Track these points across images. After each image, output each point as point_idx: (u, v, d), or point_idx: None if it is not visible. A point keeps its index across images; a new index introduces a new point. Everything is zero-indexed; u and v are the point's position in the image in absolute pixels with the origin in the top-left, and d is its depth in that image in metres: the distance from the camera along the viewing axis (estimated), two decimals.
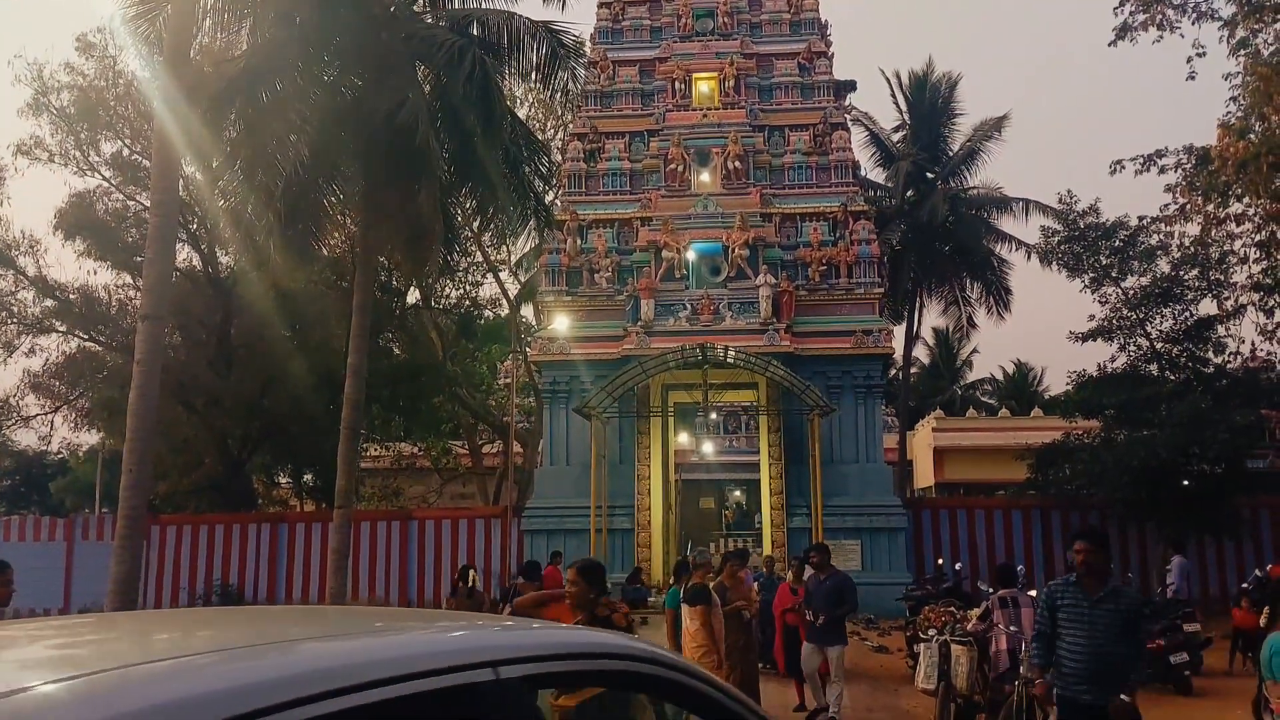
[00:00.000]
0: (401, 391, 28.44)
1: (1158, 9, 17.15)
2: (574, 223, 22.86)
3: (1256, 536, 21.29)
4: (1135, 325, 22.44)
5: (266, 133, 13.03)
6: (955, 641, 9.38)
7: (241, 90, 12.98)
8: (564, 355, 22.19)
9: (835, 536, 20.37)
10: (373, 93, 13.51)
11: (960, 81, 30.08)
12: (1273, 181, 16.60)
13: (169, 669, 1.60)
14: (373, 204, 14.04)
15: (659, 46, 24.32)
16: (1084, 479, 20.64)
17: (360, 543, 22.11)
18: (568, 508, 21.27)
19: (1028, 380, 47.66)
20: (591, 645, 2.21)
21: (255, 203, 13.68)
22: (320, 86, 13.77)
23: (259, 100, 13.06)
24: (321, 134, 13.31)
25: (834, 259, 22.29)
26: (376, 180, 13.71)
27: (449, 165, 14.01)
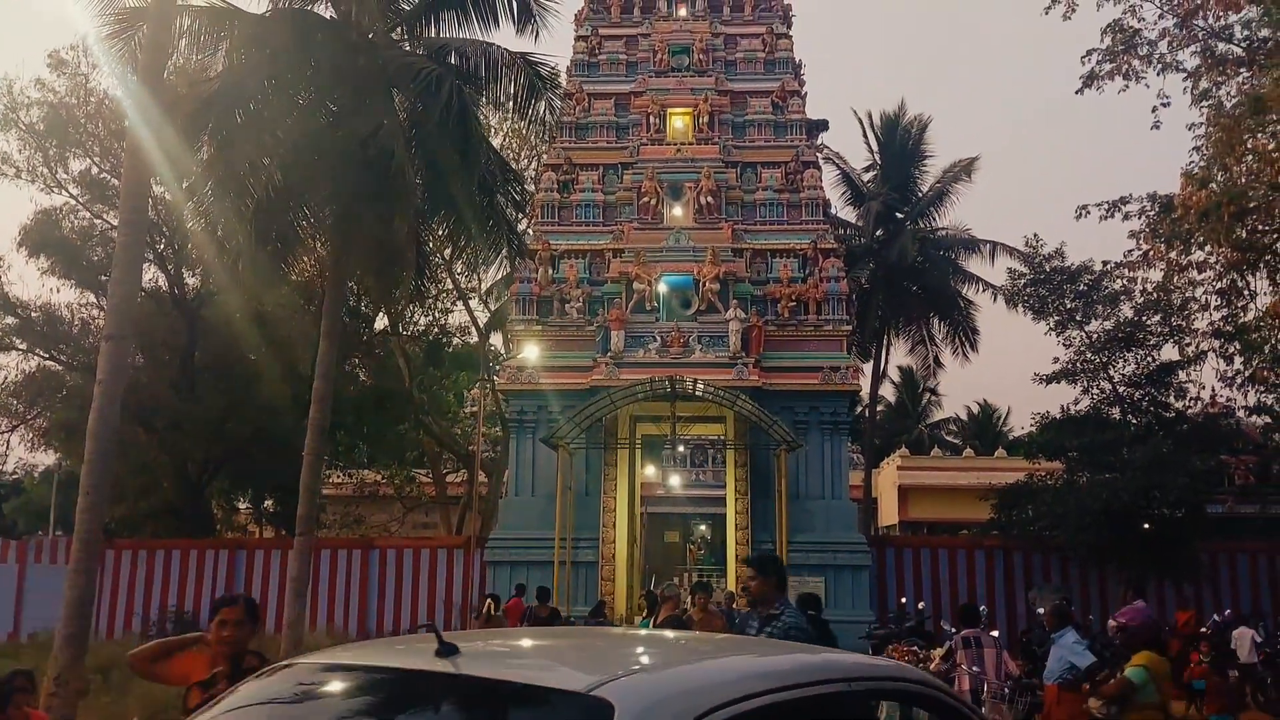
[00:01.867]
0: (367, 418, 28.23)
1: (1124, 59, 17.50)
2: (546, 252, 22.87)
3: (1215, 581, 21.47)
4: (1098, 369, 22.72)
5: (239, 155, 12.99)
6: None
7: (216, 111, 12.94)
8: (532, 385, 22.12)
9: (799, 573, 20.33)
10: (348, 118, 13.51)
11: (931, 124, 30.52)
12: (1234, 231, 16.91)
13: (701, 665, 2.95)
14: (345, 229, 13.99)
15: (635, 80, 24.49)
16: (1046, 520, 20.76)
17: (320, 571, 21.82)
18: (532, 539, 21.12)
19: (992, 421, 48.10)
20: (894, 671, 3.37)
21: (225, 224, 13.61)
22: (295, 110, 13.75)
23: (233, 122, 13.03)
24: (295, 157, 13.28)
25: (803, 295, 22.42)
26: (349, 205, 13.66)
27: (423, 192, 14.01)
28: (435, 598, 22.47)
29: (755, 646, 3.85)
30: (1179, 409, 22.55)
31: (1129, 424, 22.26)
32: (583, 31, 25.22)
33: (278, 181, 13.33)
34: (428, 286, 24.88)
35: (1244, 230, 17.26)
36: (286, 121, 13.67)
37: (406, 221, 13.27)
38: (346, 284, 17.17)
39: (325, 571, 22.34)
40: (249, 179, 13.27)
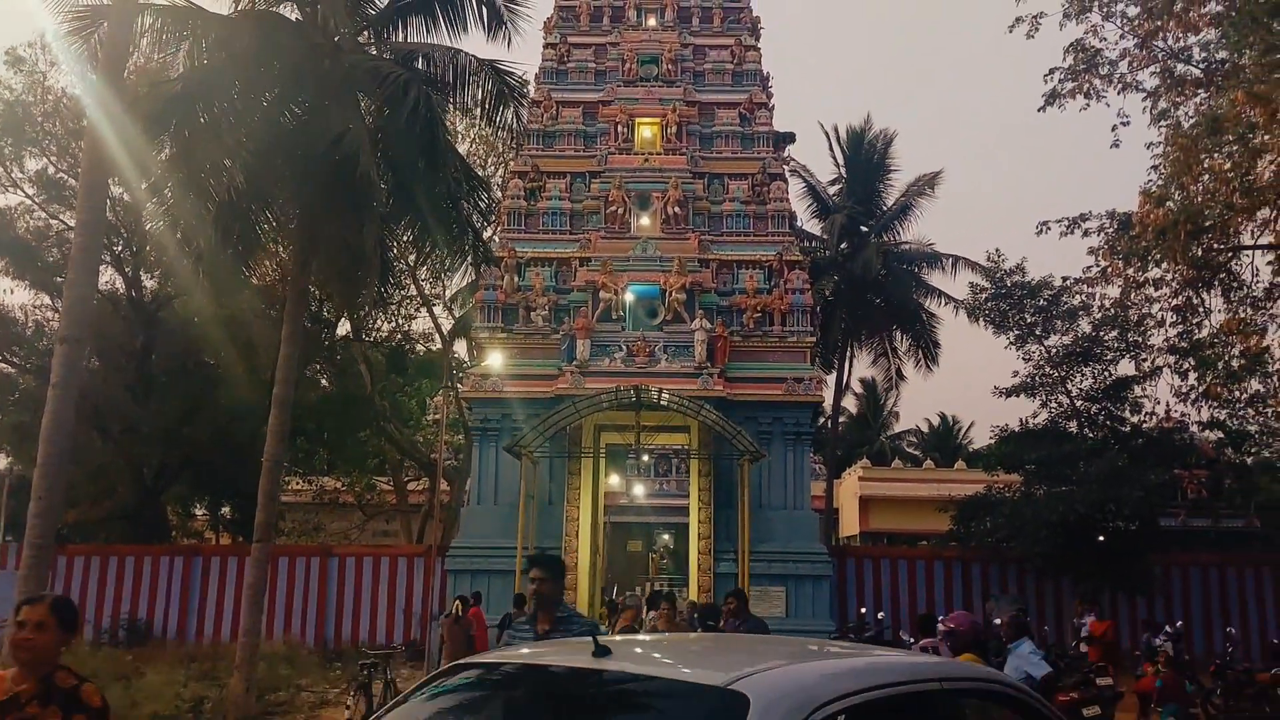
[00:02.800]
0: (328, 424, 27.98)
1: (1085, 78, 17.76)
2: (512, 260, 22.81)
3: (1168, 593, 21.75)
4: (1057, 383, 23.00)
5: (202, 156, 12.87)
6: None
7: (178, 112, 12.80)
8: (496, 392, 22.03)
9: (761, 582, 20.41)
10: (313, 121, 13.42)
11: (896, 138, 30.79)
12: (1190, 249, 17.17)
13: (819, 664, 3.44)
14: (308, 233, 13.89)
15: (603, 90, 24.52)
16: (1004, 532, 20.96)
17: (278, 578, 21.60)
18: (494, 548, 21.02)
19: (952, 433, 48.52)
20: (975, 672, 3.87)
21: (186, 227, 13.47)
22: (259, 112, 13.64)
23: (195, 123, 12.89)
24: (258, 160, 13.17)
25: (768, 307, 22.52)
26: (313, 209, 13.56)
27: (388, 197, 13.93)
28: (395, 606, 22.30)
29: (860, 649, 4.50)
30: (1134, 423, 22.88)
31: (1086, 437, 22.54)
32: (551, 39, 25.22)
33: (240, 184, 13.22)
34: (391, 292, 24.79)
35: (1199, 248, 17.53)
36: (250, 123, 13.54)
37: (371, 226, 13.17)
38: (309, 288, 17.04)
39: (283, 579, 22.11)
40: (210, 181, 13.15)
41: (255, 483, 13.73)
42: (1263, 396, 20.42)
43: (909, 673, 3.46)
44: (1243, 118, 15.20)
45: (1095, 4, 16.96)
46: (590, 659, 3.19)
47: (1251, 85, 14.82)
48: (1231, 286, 19.16)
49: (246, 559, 14.46)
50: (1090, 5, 16.97)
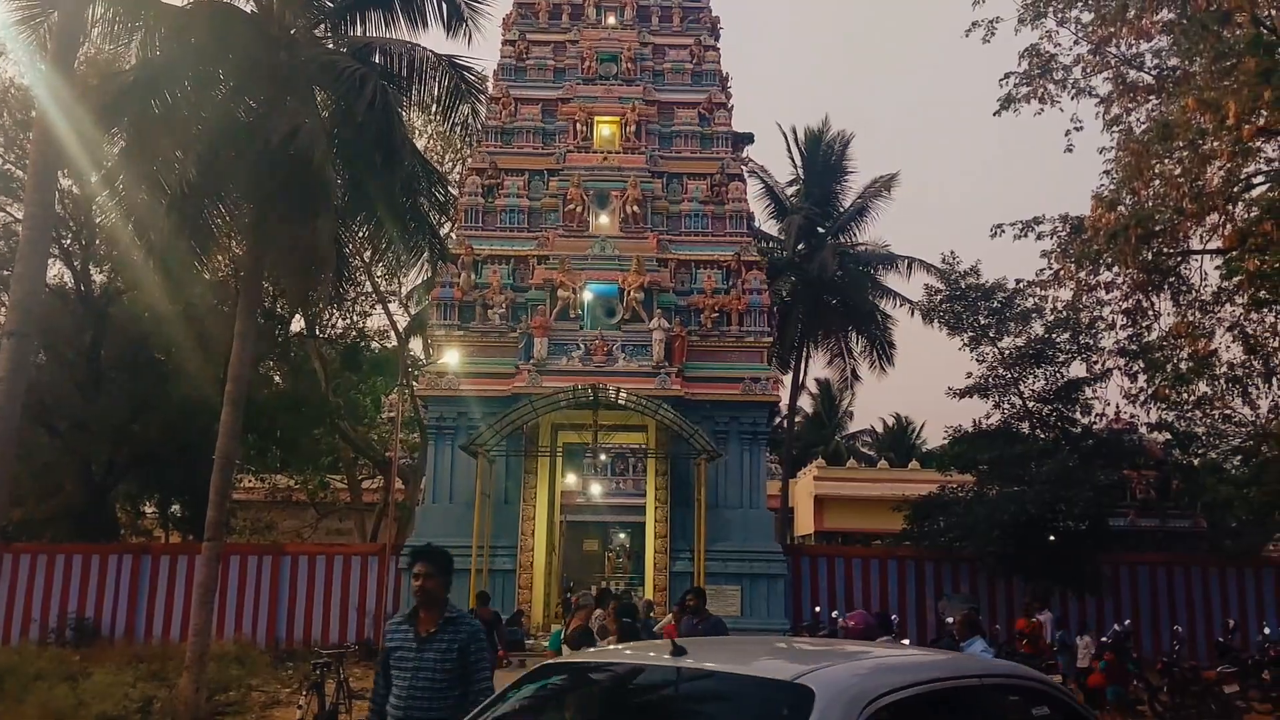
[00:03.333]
0: (280, 422, 27.63)
1: (1039, 83, 17.96)
2: (469, 257, 22.70)
3: (1117, 593, 22.06)
4: (1009, 384, 23.25)
5: (154, 149, 12.67)
6: None
7: (130, 104, 12.60)
8: (452, 391, 21.91)
9: (717, 581, 20.45)
10: (268, 115, 13.24)
11: (853, 140, 30.98)
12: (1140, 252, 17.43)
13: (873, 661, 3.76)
14: (262, 228, 13.71)
15: (562, 87, 24.47)
16: (957, 531, 21.14)
17: (229, 577, 21.31)
18: (449, 547, 20.68)
19: (907, 433, 48.90)
20: (1011, 670, 4.22)
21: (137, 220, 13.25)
22: (213, 105, 13.46)
23: (147, 115, 12.69)
24: (212, 154, 12.99)
25: (726, 307, 22.59)
26: (268, 204, 13.40)
27: (344, 193, 13.79)
28: (349, 605, 22.10)
29: (907, 648, 5.26)
30: (1085, 425, 23.17)
31: (1037, 438, 22.80)
32: (510, 36, 25.13)
33: (193, 177, 13.02)
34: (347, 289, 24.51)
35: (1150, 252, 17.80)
36: (204, 116, 13.36)
37: (326, 222, 13.02)
38: (262, 284, 16.84)
39: (234, 578, 21.83)
40: (163, 174, 12.95)
41: (206, 480, 13.53)
42: (1210, 399, 20.76)
43: (951, 669, 3.86)
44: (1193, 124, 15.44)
45: (1050, 10, 17.15)
46: (668, 658, 3.56)
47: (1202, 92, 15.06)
48: (1180, 290, 19.46)
49: (197, 557, 14.27)
50: (1045, 11, 17.16)
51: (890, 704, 3.17)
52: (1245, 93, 14.17)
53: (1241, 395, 20.54)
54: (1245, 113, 14.33)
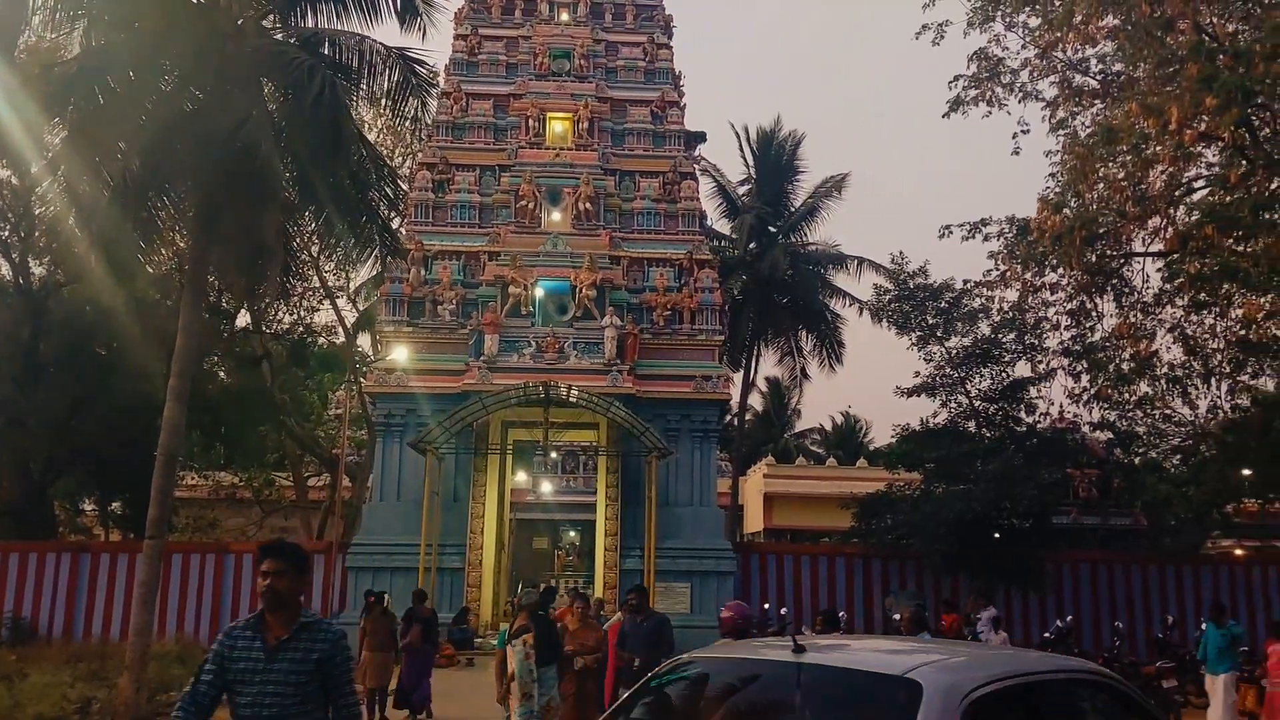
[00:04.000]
0: (225, 418, 27.23)
1: (988, 86, 18.19)
2: (419, 253, 22.52)
3: (1059, 590, 22.40)
4: (956, 383, 23.50)
5: (97, 139, 12.41)
6: None
7: (73, 93, 12.34)
8: (401, 387, 21.73)
9: (666, 578, 20.49)
10: (214, 106, 13.03)
11: (804, 140, 31.15)
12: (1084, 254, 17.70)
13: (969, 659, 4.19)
14: (208, 221, 13.49)
15: (514, 83, 24.35)
16: (904, 529, 21.34)
17: (171, 576, 20.98)
18: (397, 545, 20.74)
19: (855, 431, 49.29)
20: (1082, 666, 4.62)
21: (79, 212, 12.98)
22: (158, 95, 13.21)
23: (91, 105, 12.43)
24: (157, 145, 12.75)
25: (678, 305, 22.63)
26: (213, 197, 13.18)
27: (292, 186, 13.61)
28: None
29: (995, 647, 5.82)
30: (1030, 424, 23.49)
31: (983, 437, 23.07)
32: (462, 30, 24.95)
33: (137, 169, 12.79)
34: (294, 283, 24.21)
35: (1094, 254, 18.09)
36: (148, 107, 13.12)
37: (273, 215, 12.85)
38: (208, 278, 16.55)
39: (176, 577, 21.49)
40: (106, 165, 12.69)
41: (148, 477, 13.30)
42: (1150, 399, 21.14)
43: (1032, 665, 4.40)
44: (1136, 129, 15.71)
45: (998, 14, 17.37)
46: (792, 654, 4.01)
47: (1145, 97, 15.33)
48: (1123, 292, 19.80)
49: (138, 556, 14.00)
50: (993, 15, 17.38)
51: (984, 695, 3.68)
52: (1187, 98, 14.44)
53: (1181, 395, 20.95)
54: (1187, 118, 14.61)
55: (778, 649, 4.29)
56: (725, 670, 4.52)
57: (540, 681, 8.88)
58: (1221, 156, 17.14)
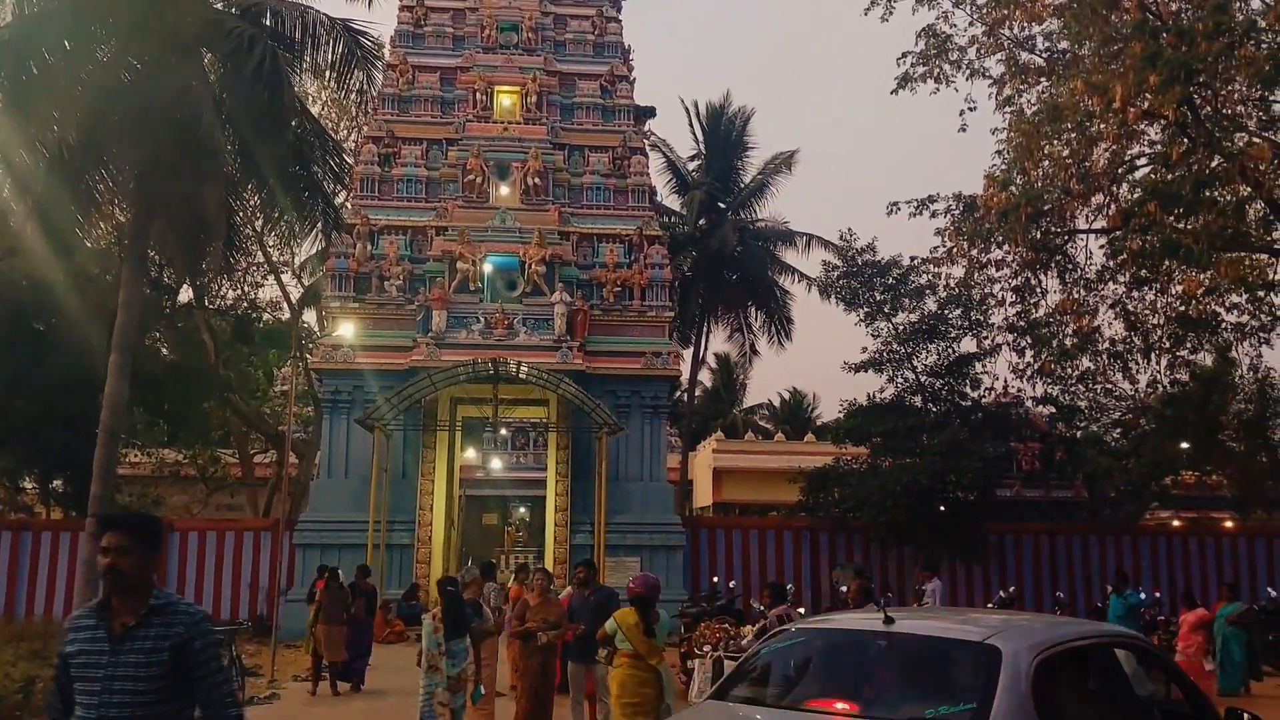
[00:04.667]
0: (168, 395, 26.79)
1: (935, 63, 18.28)
2: (364, 227, 22.26)
3: (1002, 560, 22.81)
4: (903, 359, 23.72)
5: (32, 110, 12.08)
6: (728, 657, 9.61)
7: (6, 63, 11.99)
8: (348, 364, 21.52)
9: (616, 553, 20.56)
10: (153, 77, 12.74)
11: (754, 116, 31.18)
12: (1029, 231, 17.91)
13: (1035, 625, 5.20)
14: (147, 195, 13.22)
15: (461, 55, 24.07)
16: (851, 502, 21.58)
17: None
18: (345, 521, 20.61)
19: (803, 407, 49.71)
20: (1118, 630, 5.88)
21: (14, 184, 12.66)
22: (94, 66, 12.89)
23: (24, 77, 12.10)
24: (94, 116, 12.46)
25: (628, 281, 22.60)
26: (153, 170, 12.91)
27: (234, 159, 13.36)
28: (241, 581, 21.65)
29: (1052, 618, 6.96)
30: (975, 398, 23.80)
31: (929, 412, 23.35)
32: (408, 1, 24.61)
33: (74, 140, 12.48)
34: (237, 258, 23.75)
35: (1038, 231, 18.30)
36: (84, 78, 12.79)
37: (215, 189, 12.61)
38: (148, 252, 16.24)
39: None
40: (41, 136, 12.38)
41: (89, 455, 13.08)
42: (1092, 374, 21.48)
43: (1082, 631, 5.38)
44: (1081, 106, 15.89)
45: None
46: (882, 624, 4.76)
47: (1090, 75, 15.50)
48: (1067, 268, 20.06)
49: (80, 534, 13.80)
50: None
51: (1048, 655, 4.48)
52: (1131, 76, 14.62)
53: (1122, 370, 21.30)
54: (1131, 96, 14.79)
55: (870, 620, 5.04)
56: (826, 638, 5.33)
57: (450, 654, 8.94)
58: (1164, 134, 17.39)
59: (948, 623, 5.32)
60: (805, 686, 5.00)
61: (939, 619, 5.69)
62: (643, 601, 8.07)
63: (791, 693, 4.98)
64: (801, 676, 5.11)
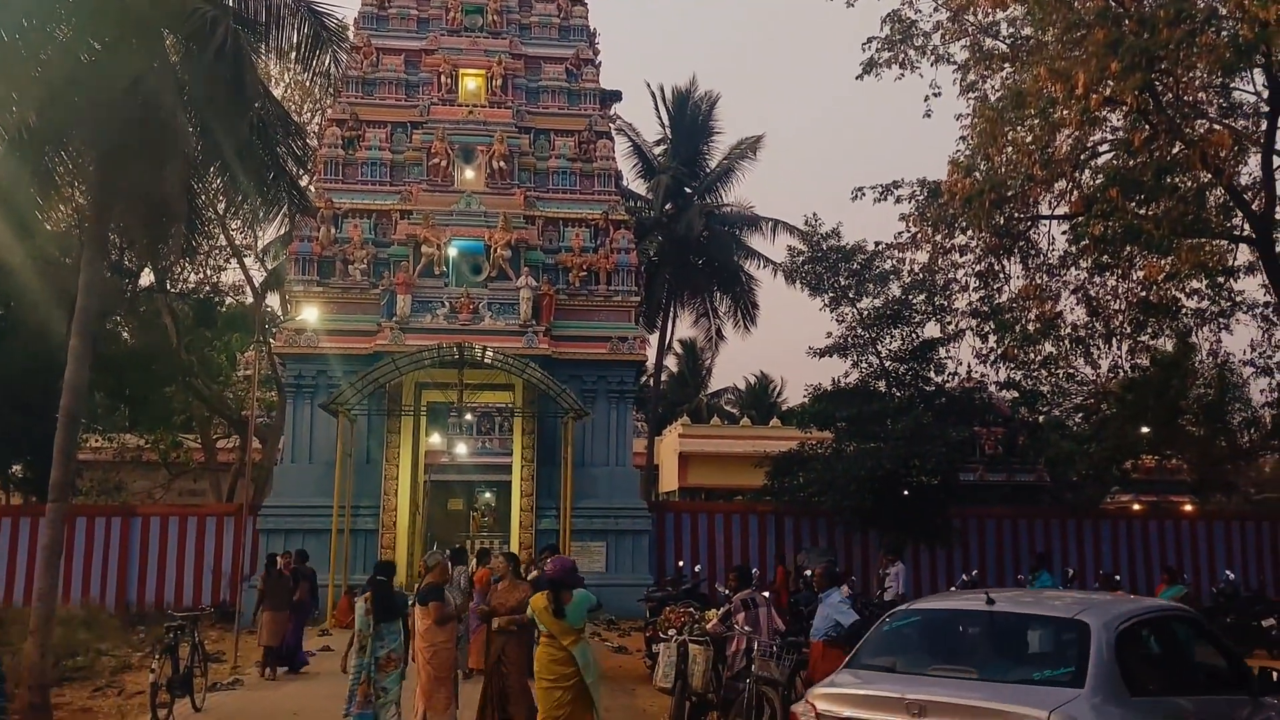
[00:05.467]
0: (129, 379, 26.49)
1: (900, 49, 18.37)
2: (328, 211, 22.08)
3: (965, 544, 23.04)
4: (868, 344, 23.87)
5: None
6: (693, 641, 9.64)
7: None
8: (312, 348, 21.37)
9: (582, 538, 20.60)
10: (113, 58, 12.54)
11: (720, 100, 31.22)
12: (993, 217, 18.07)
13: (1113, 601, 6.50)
14: (108, 177, 13.02)
15: (426, 38, 23.88)
16: (816, 487, 21.67)
17: (75, 539, 20.48)
18: (309, 507, 20.50)
19: (769, 391, 49.92)
20: (1176, 607, 7.17)
21: None
22: (52, 45, 12.66)
23: None
24: (53, 97, 12.25)
25: (594, 265, 22.56)
26: (114, 151, 12.71)
27: (196, 141, 13.19)
28: (204, 567, 21.49)
29: (1122, 598, 7.79)
30: (938, 383, 23.99)
31: (893, 396, 23.51)
32: None
33: (32, 122, 12.28)
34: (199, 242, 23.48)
35: (1001, 217, 18.47)
36: (43, 58, 12.57)
37: (177, 171, 12.44)
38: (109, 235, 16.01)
39: (81, 540, 20.99)
40: None
41: (49, 439, 12.91)
42: (1054, 359, 21.71)
43: (1149, 606, 6.59)
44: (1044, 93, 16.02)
45: None
46: (986, 604, 5.99)
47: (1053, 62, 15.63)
48: (1030, 254, 20.26)
49: (40, 519, 13.62)
50: None
51: (1126, 627, 5.68)
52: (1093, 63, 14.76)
53: (1084, 355, 21.57)
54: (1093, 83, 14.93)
55: (975, 601, 6.23)
56: (939, 616, 6.53)
57: (380, 635, 9.41)
58: (1126, 121, 17.59)
59: (1041, 602, 6.77)
60: (926, 656, 6.03)
61: (1031, 600, 7.08)
62: (553, 584, 8.27)
63: (916, 661, 6.00)
64: (922, 648, 6.16)
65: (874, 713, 5.56)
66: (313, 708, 11.77)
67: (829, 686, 6.01)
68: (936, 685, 5.54)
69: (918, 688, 5.51)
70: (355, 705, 9.39)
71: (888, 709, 5.48)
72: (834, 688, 5.95)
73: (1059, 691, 5.23)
